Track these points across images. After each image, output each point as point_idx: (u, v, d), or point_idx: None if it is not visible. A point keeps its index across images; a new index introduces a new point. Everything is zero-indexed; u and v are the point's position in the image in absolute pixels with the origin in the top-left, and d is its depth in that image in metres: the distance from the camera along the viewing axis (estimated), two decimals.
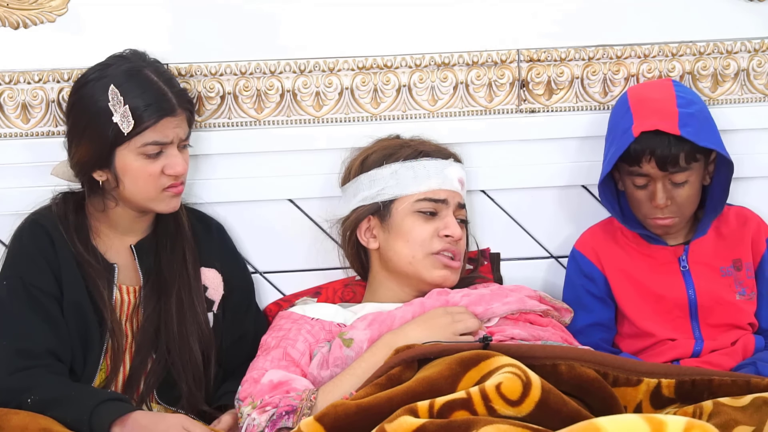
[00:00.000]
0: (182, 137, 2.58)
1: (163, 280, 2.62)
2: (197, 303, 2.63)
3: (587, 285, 2.78)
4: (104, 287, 2.56)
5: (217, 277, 2.70)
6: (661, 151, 2.61)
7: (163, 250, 2.65)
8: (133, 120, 2.49)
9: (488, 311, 2.54)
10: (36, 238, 2.56)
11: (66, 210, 2.60)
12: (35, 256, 2.54)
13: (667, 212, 2.67)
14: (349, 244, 2.74)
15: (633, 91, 2.75)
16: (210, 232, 2.75)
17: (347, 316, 2.61)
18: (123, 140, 2.51)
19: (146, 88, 2.53)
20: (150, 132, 2.52)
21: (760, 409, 2.10)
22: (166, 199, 2.58)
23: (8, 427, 2.30)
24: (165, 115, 2.53)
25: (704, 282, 2.72)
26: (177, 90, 2.58)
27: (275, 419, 2.35)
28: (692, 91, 2.79)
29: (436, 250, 2.63)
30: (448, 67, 2.85)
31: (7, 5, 2.76)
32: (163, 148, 2.54)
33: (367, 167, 2.70)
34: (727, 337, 2.71)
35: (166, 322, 2.60)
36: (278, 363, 2.50)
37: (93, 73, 2.57)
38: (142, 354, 2.60)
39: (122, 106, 2.49)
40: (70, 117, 2.58)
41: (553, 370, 2.20)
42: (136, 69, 2.55)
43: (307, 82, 2.84)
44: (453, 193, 2.67)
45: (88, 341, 2.54)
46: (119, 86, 2.51)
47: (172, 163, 2.55)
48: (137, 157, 2.53)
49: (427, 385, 2.15)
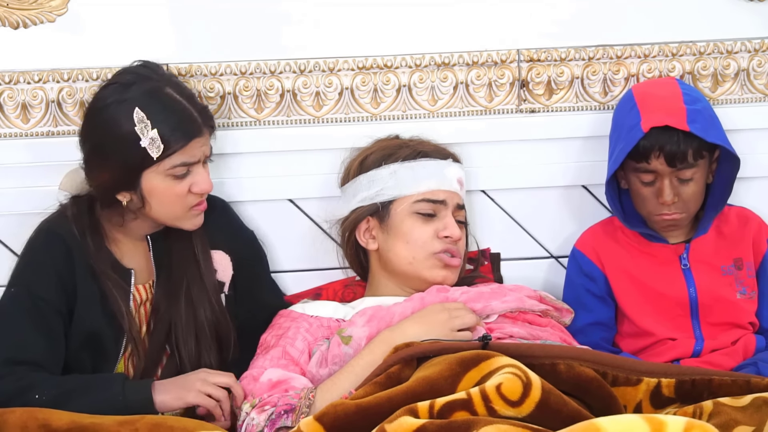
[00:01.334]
0: (207, 154, 2.56)
1: (172, 277, 2.61)
2: (210, 294, 2.62)
3: (587, 284, 2.78)
4: (122, 298, 2.54)
5: (225, 258, 2.69)
6: (670, 147, 2.61)
7: (173, 243, 2.63)
8: (162, 144, 2.46)
9: (487, 308, 2.55)
10: (51, 248, 2.53)
11: (80, 217, 2.56)
12: (47, 268, 2.51)
13: (673, 209, 2.67)
14: (348, 245, 2.74)
15: (638, 88, 2.75)
16: (214, 212, 2.71)
17: (347, 312, 2.61)
18: (150, 163, 2.48)
19: (172, 110, 2.49)
20: (179, 154, 2.49)
21: (760, 409, 2.09)
22: (192, 218, 2.57)
23: (8, 428, 2.29)
24: (194, 136, 2.50)
25: (705, 280, 2.72)
26: (200, 108, 2.55)
27: (274, 418, 2.34)
28: (696, 90, 2.80)
29: (436, 251, 2.63)
30: (448, 67, 2.85)
31: (7, 5, 2.76)
32: (190, 167, 2.52)
33: (365, 168, 2.70)
34: (728, 337, 2.71)
35: (177, 320, 2.59)
36: (277, 362, 2.50)
37: (112, 94, 2.51)
38: (156, 351, 2.59)
39: (150, 131, 2.45)
40: (88, 140, 2.54)
41: (552, 370, 2.20)
42: (157, 89, 2.50)
43: (307, 82, 2.84)
44: (452, 194, 2.67)
45: (101, 350, 2.53)
46: (145, 108, 2.46)
47: (198, 180, 2.52)
48: (165, 179, 2.50)
49: (427, 385, 2.14)
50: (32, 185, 2.79)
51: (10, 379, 2.42)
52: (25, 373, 2.43)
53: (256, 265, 2.78)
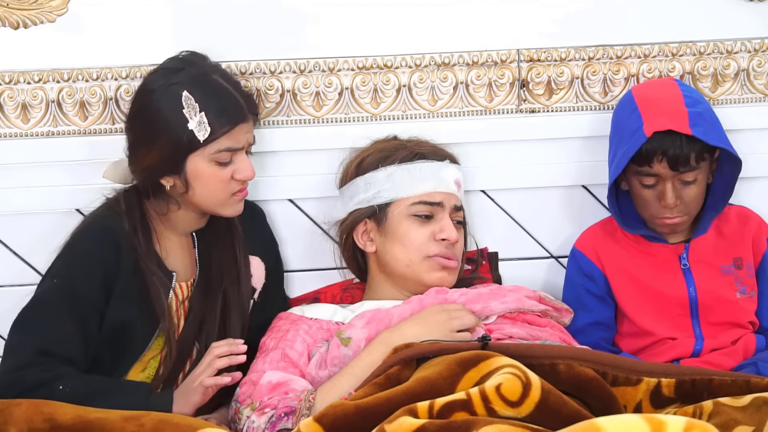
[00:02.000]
0: (251, 142, 2.59)
1: (210, 279, 2.63)
2: (245, 300, 2.64)
3: (587, 284, 2.78)
4: (162, 296, 2.55)
5: (261, 266, 2.71)
6: (673, 151, 2.61)
7: (215, 246, 2.65)
8: (209, 126, 2.49)
9: (486, 309, 2.55)
10: (102, 244, 2.53)
11: (132, 212, 2.58)
12: (94, 265, 2.51)
13: (675, 212, 2.67)
14: (346, 247, 2.74)
15: (638, 90, 2.75)
16: (254, 218, 2.75)
17: (346, 315, 2.61)
18: (197, 147, 2.50)
19: (219, 94, 2.52)
20: (225, 139, 2.51)
21: (760, 409, 2.09)
22: (234, 204, 2.59)
23: (13, 421, 2.28)
24: (240, 121, 2.53)
25: (705, 280, 2.72)
26: (245, 95, 2.59)
27: (274, 421, 2.34)
28: (696, 90, 2.79)
29: (433, 253, 2.63)
30: (448, 67, 2.85)
31: (7, 5, 2.76)
32: (233, 154, 2.54)
33: (363, 170, 2.70)
34: (728, 336, 2.71)
35: (210, 321, 2.60)
36: (277, 364, 2.50)
37: (159, 79, 2.54)
38: (186, 349, 2.59)
39: (198, 113, 2.48)
40: (135, 123, 2.56)
41: (551, 370, 2.20)
42: (205, 74, 2.54)
43: (307, 82, 2.84)
44: (449, 195, 2.67)
45: (125, 349, 2.54)
46: (193, 92, 2.50)
47: (241, 167, 2.54)
48: (209, 164, 2.52)
49: (426, 385, 2.14)
50: (32, 185, 2.79)
51: (40, 368, 2.44)
52: (54, 365, 2.45)
53: (278, 279, 2.81)
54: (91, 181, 2.69)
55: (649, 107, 2.67)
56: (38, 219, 2.76)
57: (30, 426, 2.28)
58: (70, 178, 2.79)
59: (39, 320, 2.49)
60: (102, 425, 2.27)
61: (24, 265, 2.83)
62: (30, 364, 2.45)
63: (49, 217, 2.78)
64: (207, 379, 2.42)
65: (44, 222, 2.77)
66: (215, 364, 2.42)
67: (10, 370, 2.47)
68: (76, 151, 2.79)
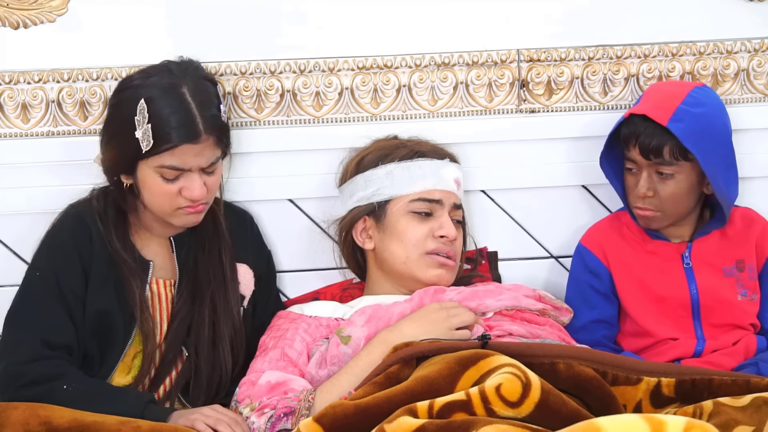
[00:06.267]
0: (203, 165, 2.51)
1: (198, 283, 2.62)
2: (233, 305, 2.63)
3: (592, 281, 2.77)
4: (137, 286, 2.55)
5: (249, 273, 2.69)
6: (644, 138, 2.62)
7: (200, 250, 2.64)
8: (153, 140, 2.46)
9: (481, 306, 2.55)
10: (76, 233, 2.56)
11: (106, 205, 2.59)
12: (71, 254, 2.54)
13: (647, 203, 2.67)
14: (345, 245, 2.74)
15: (656, 84, 2.79)
16: (244, 226, 2.74)
17: (345, 311, 2.61)
18: (142, 156, 2.49)
19: (175, 110, 2.47)
20: (167, 155, 2.48)
21: (760, 409, 2.10)
22: (182, 216, 2.56)
23: (9, 424, 2.29)
24: (185, 141, 2.47)
25: (707, 280, 2.71)
26: (209, 114, 2.51)
27: (274, 421, 2.34)
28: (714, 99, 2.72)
29: (430, 249, 2.63)
30: (448, 67, 2.85)
31: (7, 5, 2.76)
32: (181, 173, 2.50)
33: (362, 168, 2.70)
34: (729, 337, 2.71)
35: (198, 326, 2.59)
36: (276, 363, 2.50)
37: (134, 79, 2.54)
38: (173, 353, 2.59)
39: (145, 124, 2.46)
40: (106, 117, 2.59)
41: (551, 369, 2.20)
42: (173, 86, 2.50)
43: (307, 82, 2.84)
44: (448, 194, 2.67)
45: (109, 341, 2.54)
46: (150, 101, 2.47)
47: (189, 187, 2.51)
48: (155, 176, 2.50)
49: (425, 384, 2.14)
50: (32, 185, 2.79)
51: (48, 363, 2.46)
52: (62, 361, 2.47)
53: (270, 285, 2.79)
54: (92, 181, 2.69)
55: (649, 95, 2.71)
56: (38, 219, 2.75)
57: (26, 429, 2.29)
58: (70, 178, 2.79)
59: (32, 313, 2.52)
60: (98, 429, 2.28)
61: (24, 265, 2.83)
62: (37, 357, 2.46)
63: (49, 217, 2.77)
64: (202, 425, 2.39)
65: (44, 222, 2.76)
66: (219, 426, 2.38)
67: (15, 363, 2.47)
68: (76, 151, 2.79)
